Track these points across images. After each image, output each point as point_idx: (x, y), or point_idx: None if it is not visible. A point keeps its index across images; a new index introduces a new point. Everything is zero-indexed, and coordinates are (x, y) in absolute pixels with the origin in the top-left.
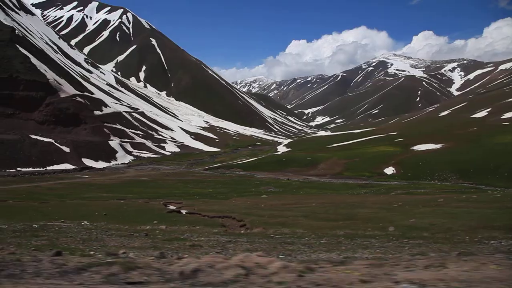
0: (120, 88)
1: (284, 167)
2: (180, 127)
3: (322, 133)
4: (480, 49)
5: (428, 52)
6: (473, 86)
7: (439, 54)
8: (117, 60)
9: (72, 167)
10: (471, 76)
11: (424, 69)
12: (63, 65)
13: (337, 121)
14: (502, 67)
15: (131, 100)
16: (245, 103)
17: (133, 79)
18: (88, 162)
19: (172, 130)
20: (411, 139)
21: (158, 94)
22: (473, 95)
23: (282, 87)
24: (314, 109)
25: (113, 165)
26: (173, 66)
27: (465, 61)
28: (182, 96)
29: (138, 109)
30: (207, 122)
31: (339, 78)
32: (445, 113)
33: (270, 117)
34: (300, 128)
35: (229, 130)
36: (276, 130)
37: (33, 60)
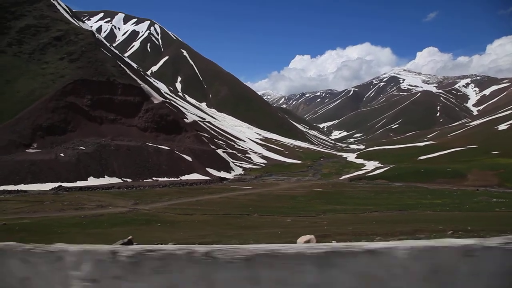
0: (176, 97)
1: (430, 178)
2: (249, 138)
3: (354, 146)
4: (485, 66)
5: (433, 68)
6: (490, 102)
7: (444, 70)
8: (152, 70)
9: (202, 177)
10: (486, 92)
11: (436, 85)
12: (137, 71)
13: (355, 135)
14: None
15: (192, 109)
16: (284, 116)
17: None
18: (212, 172)
19: (244, 140)
20: None
21: (199, 105)
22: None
23: (291, 101)
24: (329, 123)
25: (234, 176)
26: (208, 77)
27: (478, 77)
28: (222, 107)
29: (205, 119)
30: (259, 134)
31: (351, 93)
32: (505, 126)
33: (303, 130)
34: (333, 142)
35: (284, 142)
36: (317, 144)
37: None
